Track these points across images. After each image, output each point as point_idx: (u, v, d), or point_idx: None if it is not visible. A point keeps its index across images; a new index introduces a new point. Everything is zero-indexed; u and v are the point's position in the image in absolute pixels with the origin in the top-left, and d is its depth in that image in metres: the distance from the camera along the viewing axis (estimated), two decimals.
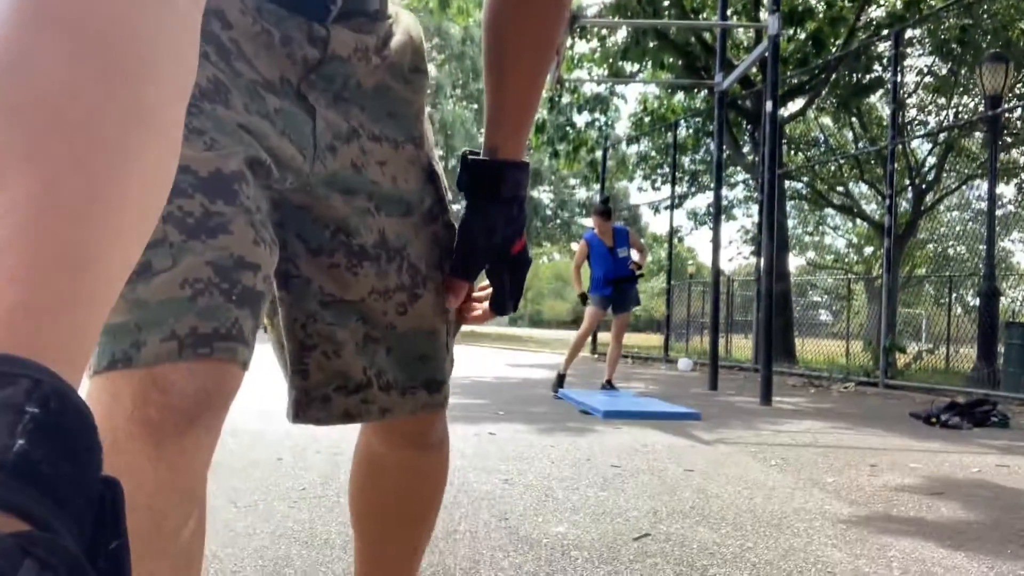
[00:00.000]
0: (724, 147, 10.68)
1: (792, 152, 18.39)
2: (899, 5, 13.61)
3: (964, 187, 19.12)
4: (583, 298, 6.75)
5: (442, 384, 0.92)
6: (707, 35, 13.75)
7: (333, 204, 0.80)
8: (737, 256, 27.95)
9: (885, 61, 13.78)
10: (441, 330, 0.91)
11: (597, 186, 16.09)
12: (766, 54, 7.03)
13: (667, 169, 18.07)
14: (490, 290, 0.97)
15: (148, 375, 0.57)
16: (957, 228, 19.32)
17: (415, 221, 0.88)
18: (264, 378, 7.22)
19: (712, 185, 8.91)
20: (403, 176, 0.87)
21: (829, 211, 26.77)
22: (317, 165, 0.77)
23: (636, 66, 15.12)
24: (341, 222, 0.81)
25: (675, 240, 15.83)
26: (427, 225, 0.89)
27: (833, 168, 19.33)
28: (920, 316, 19.05)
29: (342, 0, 0.80)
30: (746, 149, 15.92)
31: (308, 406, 0.86)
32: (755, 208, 18.44)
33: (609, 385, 6.81)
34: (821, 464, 3.60)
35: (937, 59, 15.32)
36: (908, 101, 16.67)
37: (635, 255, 6.92)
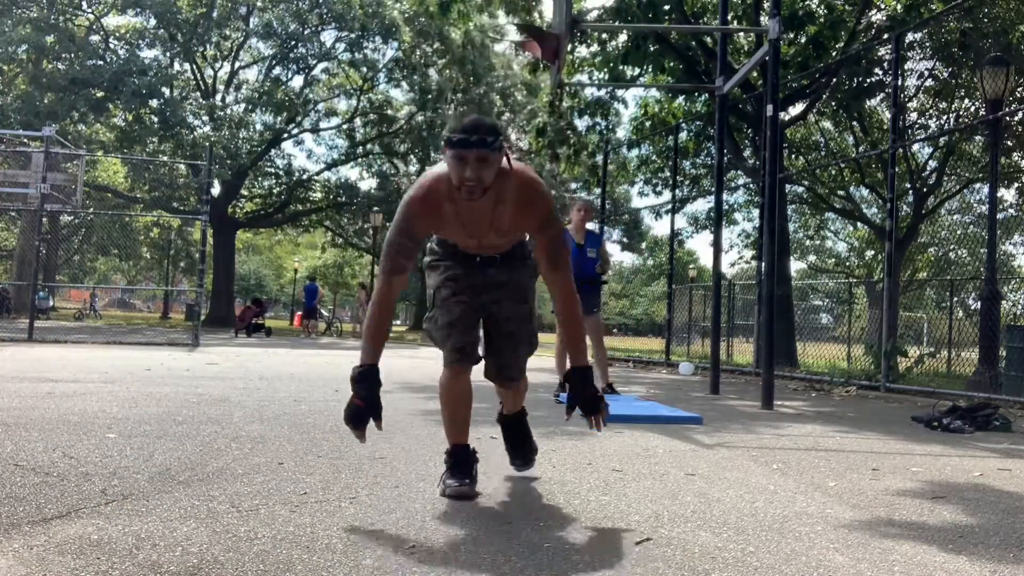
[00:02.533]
0: (725, 151, 10.68)
1: (793, 156, 18.40)
2: (899, 8, 13.62)
3: (965, 191, 19.14)
4: None
5: (522, 371, 2.94)
6: (708, 39, 13.76)
7: (493, 316, 2.84)
8: (738, 260, 27.93)
9: (886, 65, 13.80)
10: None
11: (598, 190, 16.09)
12: (767, 58, 7.04)
13: (668, 173, 18.07)
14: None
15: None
16: (958, 232, 19.35)
17: (521, 311, 2.87)
18: (265, 386, 7.20)
19: (713, 189, 8.92)
20: (519, 303, 2.86)
21: (830, 215, 26.80)
22: (490, 309, 2.82)
23: (636, 70, 15.13)
24: (495, 314, 2.84)
25: (676, 244, 15.82)
26: (522, 318, 2.88)
27: (834, 172, 19.34)
28: (921, 320, 19.04)
29: (501, 257, 2.79)
30: (747, 153, 15.93)
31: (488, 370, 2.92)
32: (756, 212, 18.45)
33: (610, 389, 6.81)
34: (823, 468, 3.60)
35: (938, 63, 15.33)
36: (909, 105, 16.67)
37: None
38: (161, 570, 1.79)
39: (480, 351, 2.87)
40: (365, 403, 2.51)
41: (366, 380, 2.54)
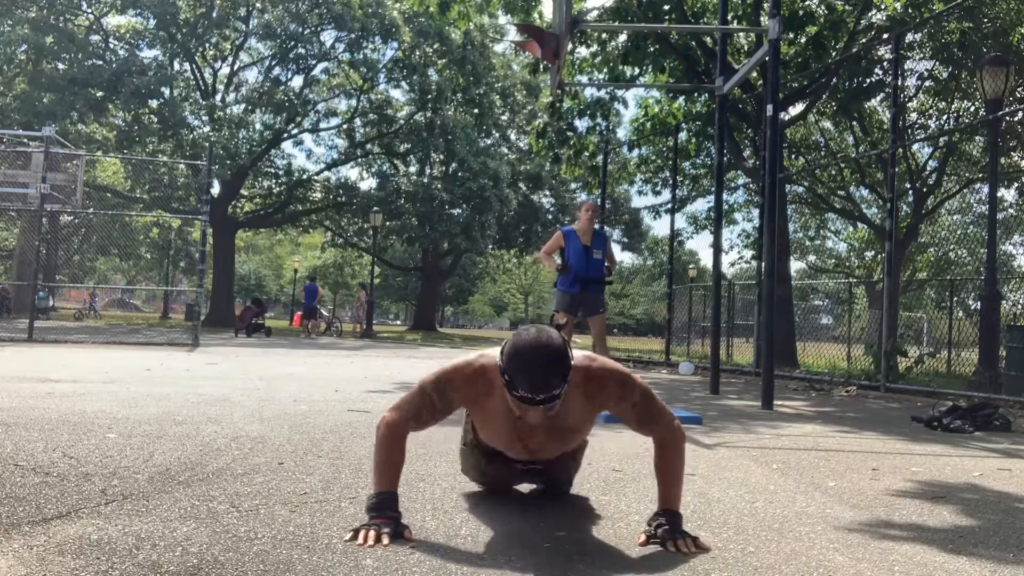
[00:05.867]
0: (725, 151, 10.67)
1: (793, 156, 18.38)
2: (899, 8, 13.61)
3: (965, 191, 19.11)
4: (563, 266, 6.78)
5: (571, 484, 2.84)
6: (708, 39, 13.76)
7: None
8: (738, 260, 27.89)
9: (886, 65, 13.79)
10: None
11: (598, 191, 16.09)
12: (767, 58, 7.04)
13: (668, 173, 18.06)
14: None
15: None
16: (958, 232, 19.33)
17: (568, 474, 2.73)
18: (265, 386, 7.18)
19: (713, 189, 8.91)
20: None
21: (830, 215, 26.76)
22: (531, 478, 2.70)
23: (636, 70, 15.12)
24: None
25: (676, 244, 15.81)
26: (569, 472, 2.74)
27: (834, 172, 19.33)
28: (921, 320, 19.04)
29: (547, 465, 2.57)
30: (747, 153, 15.92)
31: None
32: (756, 212, 18.44)
33: None
34: (823, 468, 3.60)
35: (937, 63, 15.32)
36: (909, 105, 16.66)
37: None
38: (161, 570, 1.79)
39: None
40: (387, 520, 2.15)
41: (384, 508, 2.17)
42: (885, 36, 13.31)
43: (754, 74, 12.30)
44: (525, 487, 2.86)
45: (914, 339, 17.68)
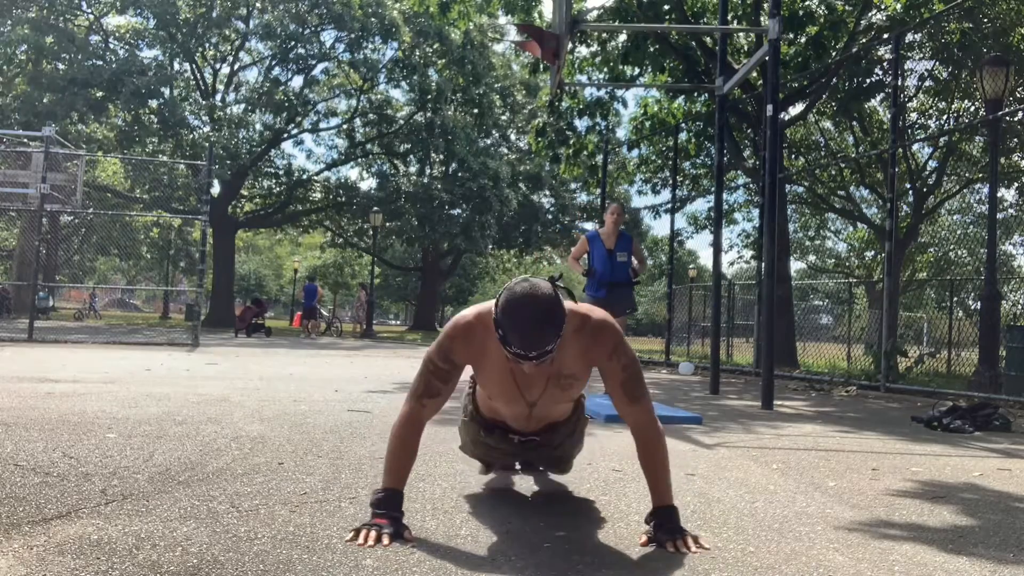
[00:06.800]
0: (725, 151, 10.67)
1: (793, 156, 18.38)
2: (899, 8, 13.62)
3: (965, 191, 19.13)
4: (589, 271, 6.81)
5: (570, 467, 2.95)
6: (708, 39, 13.76)
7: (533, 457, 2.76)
8: (738, 260, 27.89)
9: (886, 65, 13.79)
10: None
11: (598, 190, 16.08)
12: (767, 58, 7.04)
13: (668, 173, 18.06)
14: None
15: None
16: (958, 232, 19.34)
17: (565, 453, 2.75)
18: (265, 386, 7.18)
19: (713, 189, 8.91)
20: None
21: (830, 215, 26.78)
22: (529, 457, 2.76)
23: (636, 70, 15.12)
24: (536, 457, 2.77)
25: (676, 244, 15.81)
26: (567, 453, 2.77)
27: (834, 172, 19.33)
28: (921, 320, 19.07)
29: (542, 438, 2.58)
30: (747, 153, 15.92)
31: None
32: (756, 212, 18.44)
33: None
34: (823, 468, 3.60)
35: (938, 63, 15.32)
36: (909, 105, 16.66)
37: (634, 262, 6.94)
38: (161, 570, 1.79)
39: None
40: (388, 520, 2.15)
41: (387, 506, 2.19)
42: (885, 36, 13.31)
43: (754, 74, 12.30)
44: (526, 488, 2.86)
45: (914, 339, 17.70)
